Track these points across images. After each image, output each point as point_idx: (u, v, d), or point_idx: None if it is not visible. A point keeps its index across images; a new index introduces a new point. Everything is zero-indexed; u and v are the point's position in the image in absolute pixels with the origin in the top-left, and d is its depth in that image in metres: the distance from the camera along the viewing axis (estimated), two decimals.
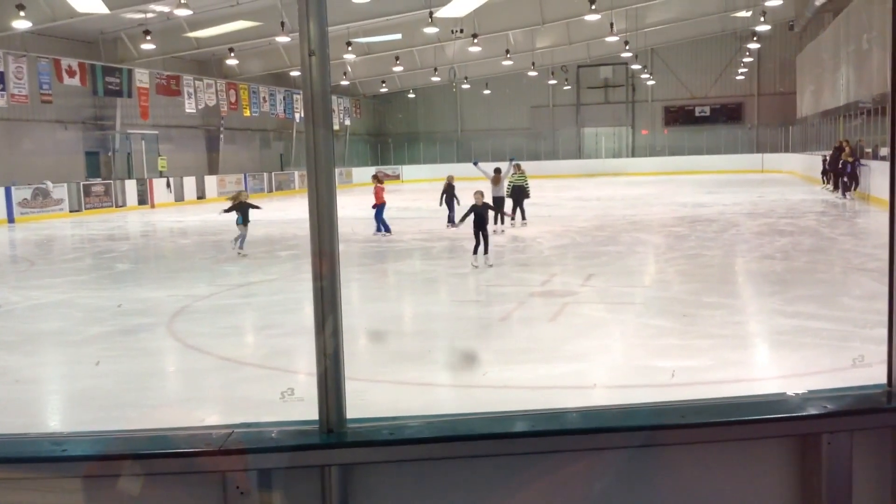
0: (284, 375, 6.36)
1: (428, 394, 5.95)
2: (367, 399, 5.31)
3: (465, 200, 14.40)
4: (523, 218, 17.25)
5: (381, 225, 16.43)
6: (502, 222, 16.46)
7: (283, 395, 5.55)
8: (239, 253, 14.00)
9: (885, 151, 21.62)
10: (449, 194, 17.26)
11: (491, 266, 11.62)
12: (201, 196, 32.30)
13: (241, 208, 14.36)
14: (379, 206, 16.50)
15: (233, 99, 33.83)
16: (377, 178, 17.24)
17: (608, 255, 13.01)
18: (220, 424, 1.96)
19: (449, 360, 7.03)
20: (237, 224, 14.36)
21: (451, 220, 17.11)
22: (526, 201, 17.62)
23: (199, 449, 1.77)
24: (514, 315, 8.54)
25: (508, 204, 16.79)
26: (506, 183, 16.88)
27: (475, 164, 16.46)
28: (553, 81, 46.38)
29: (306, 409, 1.95)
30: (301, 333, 7.48)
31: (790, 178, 34.18)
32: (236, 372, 6.63)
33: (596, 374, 6.26)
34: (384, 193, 16.75)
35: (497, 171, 16.57)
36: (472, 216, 11.68)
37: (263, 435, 1.86)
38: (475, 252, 11.62)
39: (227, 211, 14.60)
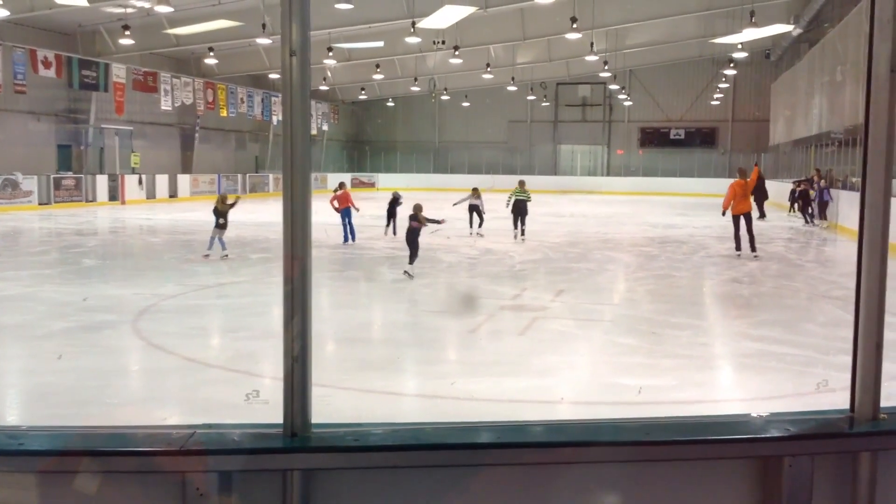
0: (250, 378, 6.29)
1: (393, 402, 5.93)
2: (332, 405, 5.27)
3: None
4: (522, 234, 17.35)
5: (349, 231, 16.36)
6: (479, 226, 17.73)
7: (247, 397, 5.50)
8: (222, 255, 13.63)
9: (854, 181, 22.03)
10: (393, 205, 17.45)
11: (412, 277, 11.62)
12: (173, 195, 31.97)
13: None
14: (346, 210, 16.41)
15: (210, 98, 33.58)
16: (342, 185, 17.36)
17: (579, 271, 13.08)
18: (181, 424, 1.93)
19: (416, 370, 7.01)
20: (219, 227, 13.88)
21: (392, 230, 17.28)
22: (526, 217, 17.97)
23: (159, 448, 1.74)
24: (483, 327, 8.54)
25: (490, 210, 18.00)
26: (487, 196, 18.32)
27: (455, 205, 17.79)
28: (532, 97, 46.67)
29: (271, 412, 1.93)
30: (269, 337, 7.41)
31: None
32: (201, 373, 6.56)
33: (562, 389, 6.27)
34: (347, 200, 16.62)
35: (475, 189, 18.48)
36: (408, 226, 12.11)
37: (225, 436, 1.84)
38: (410, 262, 11.84)
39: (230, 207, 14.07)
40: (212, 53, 30.33)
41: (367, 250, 15.53)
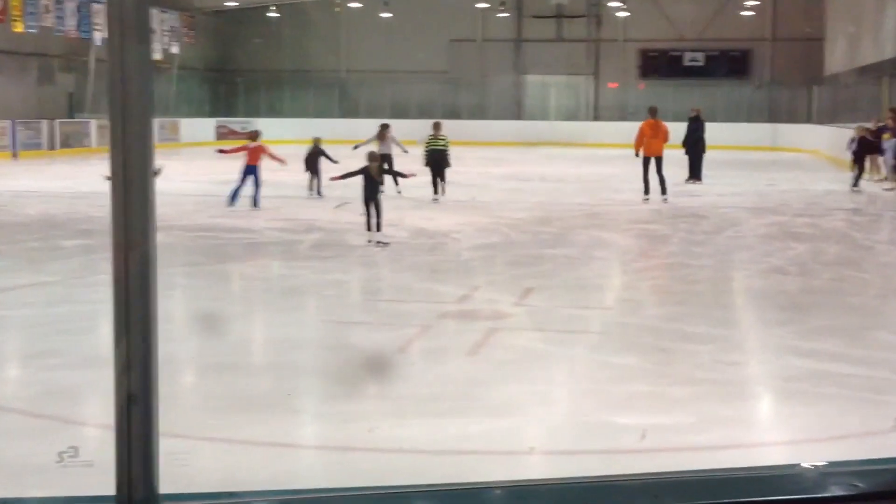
0: (64, 428, 6.22)
1: (283, 459, 5.90)
2: (191, 465, 5.22)
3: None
4: (442, 192, 19.85)
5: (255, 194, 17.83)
6: (396, 183, 18.88)
7: (61, 456, 5.42)
8: None
9: None
10: (314, 158, 20.05)
11: (386, 245, 13.42)
12: None
13: None
14: (252, 168, 17.78)
15: None
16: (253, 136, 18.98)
17: (554, 261, 13.19)
18: None
19: (317, 409, 6.99)
20: None
21: (316, 188, 19.99)
22: (446, 170, 20.13)
23: None
24: (415, 345, 8.55)
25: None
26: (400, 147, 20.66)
27: (355, 148, 19.41)
28: (484, 5, 46.75)
29: (97, 477, 1.90)
30: (92, 365, 7.28)
31: (812, 160, 35.45)
32: None
33: (532, 433, 6.32)
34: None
35: (384, 126, 20.97)
36: (360, 180, 13.72)
37: None
38: (368, 228, 13.61)
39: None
40: None
41: (244, 232, 15.37)
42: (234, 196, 17.69)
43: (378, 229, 13.60)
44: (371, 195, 13.65)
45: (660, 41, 47.76)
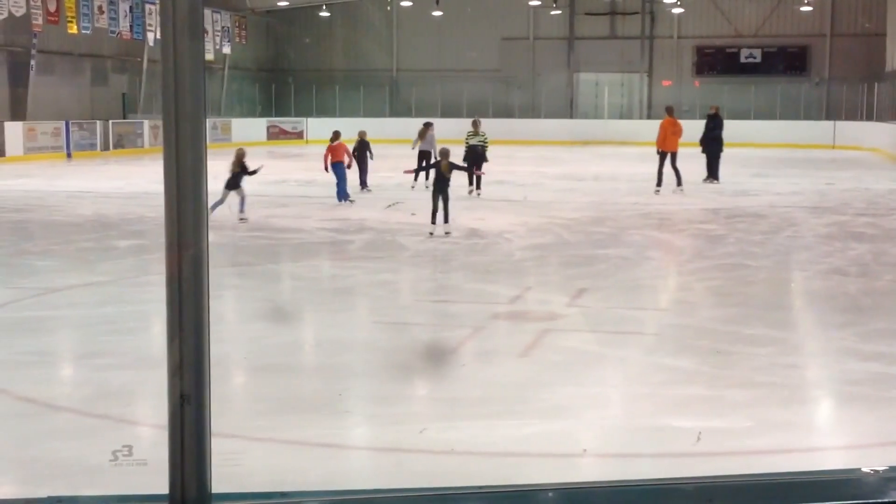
0: (118, 427, 6.29)
1: (334, 459, 5.94)
2: (242, 465, 5.27)
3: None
4: (477, 187, 20.47)
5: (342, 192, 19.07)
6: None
7: (115, 455, 5.49)
8: (241, 219, 15.91)
9: None
10: (361, 152, 21.14)
11: (449, 234, 14.42)
12: None
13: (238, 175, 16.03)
14: (337, 164, 19.07)
15: (52, 7, 33.18)
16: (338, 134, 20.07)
17: (608, 261, 13.15)
18: (19, 498, 1.93)
19: (367, 411, 7.02)
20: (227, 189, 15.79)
21: (363, 183, 21.10)
22: (483, 166, 20.63)
23: None
24: (466, 346, 8.56)
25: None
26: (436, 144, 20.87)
27: (413, 147, 21.44)
28: (536, 2, 46.64)
29: (151, 477, 1.93)
30: (144, 365, 7.38)
31: (873, 158, 35.01)
32: (44, 420, 6.53)
33: (585, 435, 6.32)
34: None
35: (427, 124, 22.43)
36: (432, 175, 15.14)
37: None
38: (433, 221, 14.51)
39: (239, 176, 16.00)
40: None
41: (295, 232, 15.48)
42: (342, 193, 18.87)
43: (445, 220, 14.55)
44: (440, 189, 14.60)
45: (715, 38, 47.37)
